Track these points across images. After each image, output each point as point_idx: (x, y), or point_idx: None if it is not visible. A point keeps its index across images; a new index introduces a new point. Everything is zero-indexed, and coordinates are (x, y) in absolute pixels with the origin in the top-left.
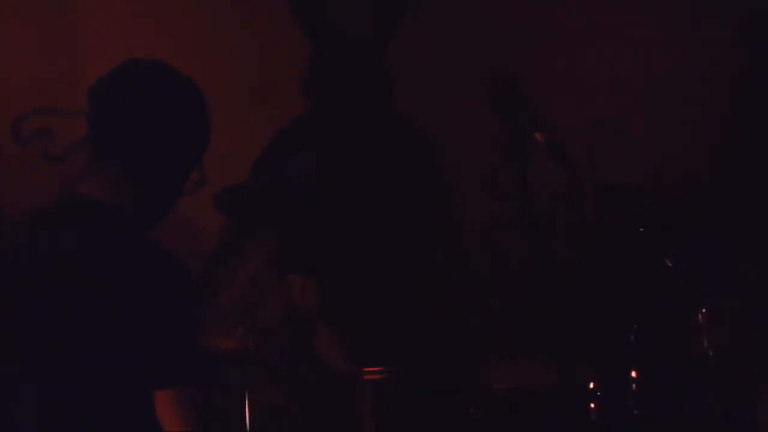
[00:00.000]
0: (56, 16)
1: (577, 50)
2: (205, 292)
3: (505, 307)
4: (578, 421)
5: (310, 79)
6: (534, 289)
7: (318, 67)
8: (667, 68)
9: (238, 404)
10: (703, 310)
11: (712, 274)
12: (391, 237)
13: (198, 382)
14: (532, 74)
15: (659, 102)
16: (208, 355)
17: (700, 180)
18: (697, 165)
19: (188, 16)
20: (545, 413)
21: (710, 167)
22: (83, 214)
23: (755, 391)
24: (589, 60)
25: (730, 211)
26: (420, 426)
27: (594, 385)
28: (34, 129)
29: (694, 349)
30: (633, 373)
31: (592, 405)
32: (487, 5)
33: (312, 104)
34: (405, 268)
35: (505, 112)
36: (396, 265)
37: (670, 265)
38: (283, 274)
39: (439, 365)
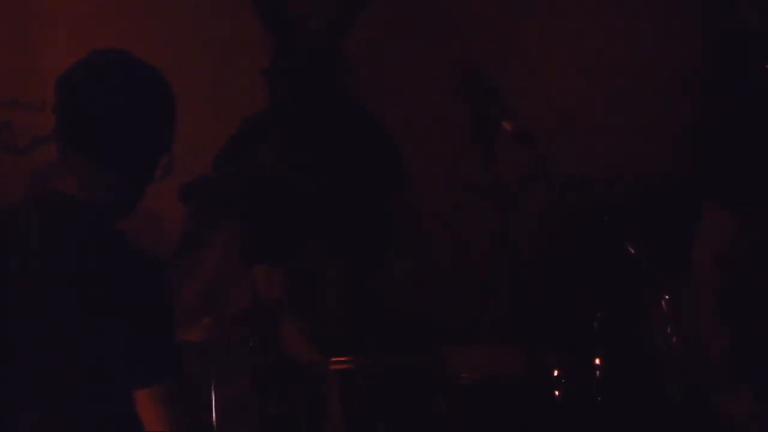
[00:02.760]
0: (17, 9)
1: (541, 40)
2: (173, 285)
3: (469, 295)
4: (543, 409)
5: (271, 69)
6: (499, 277)
7: (279, 58)
8: (630, 58)
9: (204, 396)
10: (666, 298)
11: (675, 261)
12: (354, 226)
13: (178, 377)
14: (496, 64)
15: (622, 91)
16: (180, 349)
17: (663, 168)
18: (660, 153)
19: (150, 6)
20: (511, 401)
21: (673, 156)
22: (56, 209)
23: (721, 380)
24: (553, 50)
25: (693, 199)
26: (387, 415)
27: (558, 372)
28: None
29: (657, 337)
30: (597, 361)
31: (557, 392)
32: None
33: (274, 95)
34: (369, 257)
35: (472, 101)
36: (360, 254)
37: (633, 252)
38: (248, 265)
39: (405, 354)
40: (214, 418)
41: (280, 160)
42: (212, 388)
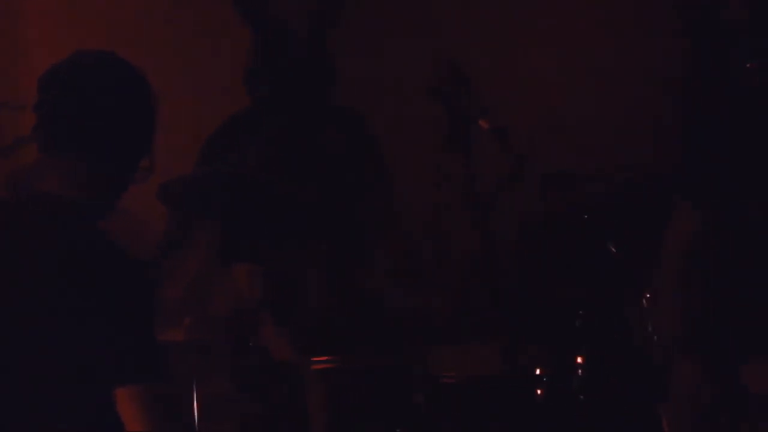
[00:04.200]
0: None
1: (520, 38)
2: (154, 285)
3: (451, 294)
4: (525, 407)
5: (253, 69)
6: (480, 276)
7: (260, 58)
8: (612, 55)
9: (185, 395)
10: (648, 296)
11: (657, 260)
12: (335, 226)
13: (159, 377)
14: (475, 62)
15: (604, 90)
16: (162, 349)
17: (645, 167)
18: (642, 152)
19: (133, 7)
20: (493, 400)
21: (655, 154)
22: (36, 208)
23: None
24: (532, 48)
25: (672, 198)
26: (369, 415)
27: (540, 371)
28: None
29: (638, 334)
30: (579, 359)
31: (539, 391)
32: None
33: (256, 95)
34: (350, 257)
35: (448, 99)
36: (341, 254)
37: (614, 251)
38: (229, 264)
39: (386, 354)
40: (195, 418)
41: (261, 159)
42: (193, 388)
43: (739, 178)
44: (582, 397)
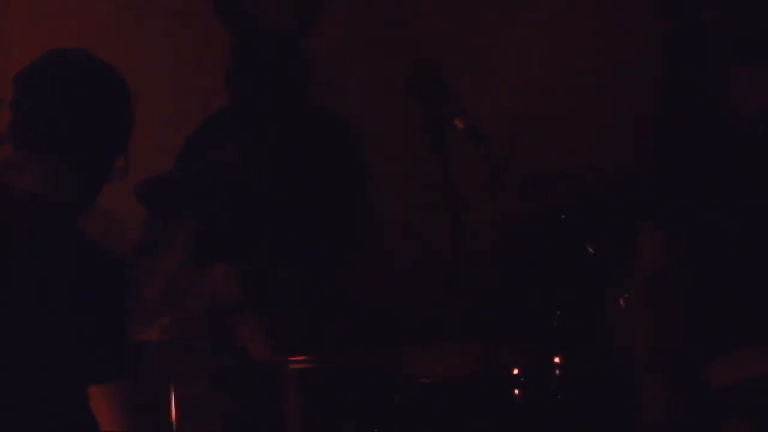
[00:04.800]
0: None
1: (497, 38)
2: (130, 283)
3: (428, 294)
4: (503, 408)
5: (231, 69)
6: (457, 277)
7: (239, 58)
8: (590, 56)
9: (163, 395)
10: (626, 296)
11: (634, 260)
12: (313, 226)
13: (131, 375)
14: (451, 61)
15: (580, 89)
16: (136, 349)
17: (620, 167)
18: (619, 153)
19: (111, 6)
20: (470, 400)
21: (630, 155)
22: (11, 204)
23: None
24: (509, 48)
25: (650, 198)
26: (346, 415)
27: (518, 371)
28: None
29: (616, 335)
30: (556, 359)
31: (516, 391)
32: None
33: (234, 95)
34: (327, 257)
35: (425, 98)
36: (318, 254)
37: (592, 251)
38: (206, 264)
39: (364, 354)
40: (173, 418)
41: (240, 159)
42: (171, 388)
43: (706, 191)
44: (560, 397)
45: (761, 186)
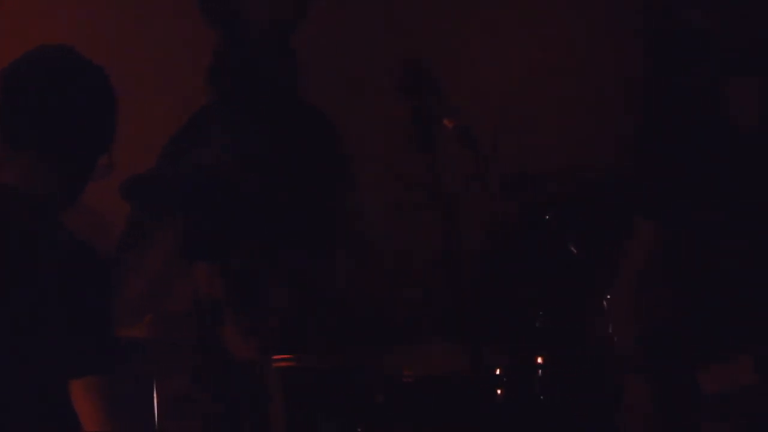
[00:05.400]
0: None
1: (484, 38)
2: (114, 280)
3: (412, 294)
4: (486, 407)
5: (216, 67)
6: (441, 276)
7: (224, 56)
8: (573, 57)
9: (145, 393)
10: (608, 297)
11: (617, 261)
12: (298, 224)
13: (112, 371)
14: (439, 61)
15: (565, 90)
16: (119, 344)
17: (604, 167)
18: (602, 153)
19: (95, 4)
20: (453, 400)
21: (614, 155)
22: None
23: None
24: (496, 48)
25: (634, 198)
26: (330, 414)
27: (501, 371)
28: None
29: (598, 336)
30: (539, 360)
31: (499, 391)
32: None
33: (219, 93)
34: (312, 256)
35: (414, 97)
36: (303, 253)
37: (575, 251)
38: (190, 262)
39: (347, 353)
40: (156, 415)
41: (225, 157)
42: (154, 386)
43: (695, 188)
44: (542, 397)
45: (756, 185)
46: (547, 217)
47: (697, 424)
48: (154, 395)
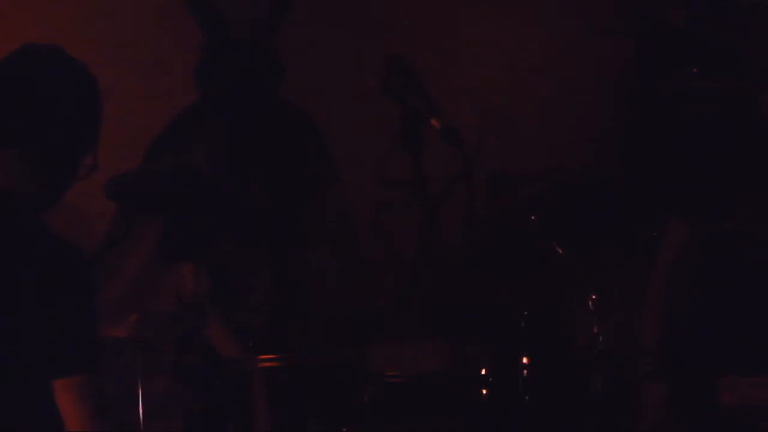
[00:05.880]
0: None
1: (469, 39)
2: (96, 279)
3: (396, 293)
4: (470, 407)
5: (201, 67)
6: (426, 276)
7: (209, 56)
8: (558, 57)
9: (129, 393)
10: (593, 297)
11: (602, 260)
12: (281, 224)
13: (95, 371)
14: (422, 61)
15: (550, 91)
16: (102, 344)
17: (589, 167)
18: (587, 153)
19: (81, 3)
20: (438, 399)
21: (600, 155)
22: None
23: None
24: (482, 49)
25: (619, 199)
26: (314, 413)
27: (485, 371)
28: None
29: (583, 336)
30: (524, 360)
31: (484, 391)
32: None
33: (204, 93)
34: (295, 254)
35: (400, 97)
36: (286, 252)
37: (560, 251)
38: (173, 261)
39: (331, 352)
40: (140, 415)
41: (209, 157)
42: (138, 385)
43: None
44: (527, 397)
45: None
46: (533, 216)
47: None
48: (138, 395)
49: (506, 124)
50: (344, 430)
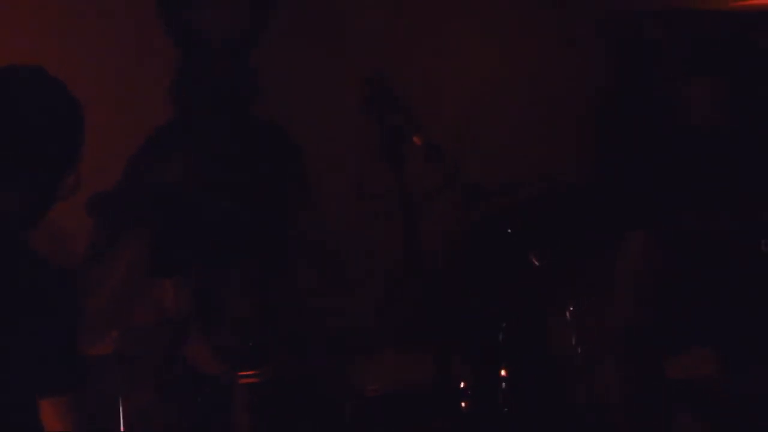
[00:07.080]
0: None
1: (441, 50)
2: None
3: (376, 306)
4: (450, 420)
5: (177, 83)
6: (405, 288)
7: (184, 72)
8: (535, 68)
9: (110, 408)
10: (570, 309)
11: (578, 271)
12: (260, 237)
13: (79, 388)
14: (396, 74)
15: (522, 101)
16: (85, 361)
17: (563, 178)
18: (564, 164)
19: (60, 17)
20: (418, 412)
21: (574, 165)
22: None
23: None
24: (453, 60)
25: (594, 208)
26: (295, 428)
27: (465, 383)
28: None
29: (561, 347)
30: (503, 372)
31: (463, 404)
32: (351, 6)
33: (181, 107)
34: (275, 269)
35: (380, 117)
36: (266, 266)
37: (536, 263)
38: (154, 277)
39: (312, 366)
40: (121, 430)
41: (188, 171)
42: (119, 401)
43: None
44: (506, 409)
45: (726, 187)
46: (509, 228)
47: (662, 405)
48: (120, 410)
49: (484, 136)
50: None
